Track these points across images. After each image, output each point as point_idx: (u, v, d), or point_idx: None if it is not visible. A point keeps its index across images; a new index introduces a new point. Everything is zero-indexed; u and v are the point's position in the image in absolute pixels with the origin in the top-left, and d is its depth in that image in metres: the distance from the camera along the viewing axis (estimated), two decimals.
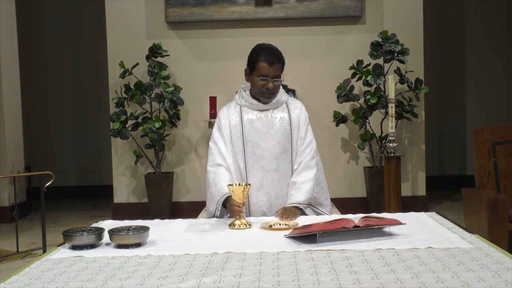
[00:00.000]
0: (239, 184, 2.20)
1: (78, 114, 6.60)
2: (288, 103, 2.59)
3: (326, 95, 4.95)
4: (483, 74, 6.32)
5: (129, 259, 1.59)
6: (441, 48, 6.30)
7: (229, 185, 2.20)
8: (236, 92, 2.64)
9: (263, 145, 2.48)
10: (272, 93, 2.50)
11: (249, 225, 2.09)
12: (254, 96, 2.54)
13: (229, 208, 2.27)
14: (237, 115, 2.54)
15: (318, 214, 2.51)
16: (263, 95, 2.49)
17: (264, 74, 2.43)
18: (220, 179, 2.41)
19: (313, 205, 2.50)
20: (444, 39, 6.31)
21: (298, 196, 2.43)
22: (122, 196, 5.14)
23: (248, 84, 2.58)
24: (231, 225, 2.10)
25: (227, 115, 2.55)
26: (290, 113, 2.55)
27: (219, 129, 2.54)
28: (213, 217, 2.38)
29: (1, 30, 5.26)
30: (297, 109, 2.59)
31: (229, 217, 2.32)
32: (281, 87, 2.60)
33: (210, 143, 2.56)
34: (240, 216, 2.12)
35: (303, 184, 2.47)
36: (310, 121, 2.67)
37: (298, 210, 2.39)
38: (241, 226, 2.07)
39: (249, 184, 2.19)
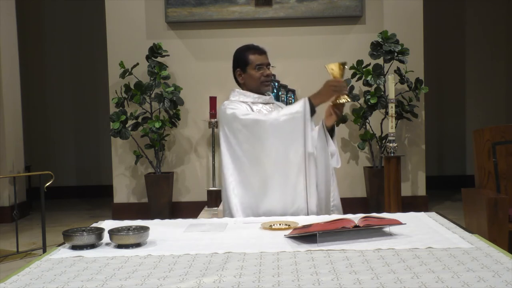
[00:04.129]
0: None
1: (78, 114, 6.60)
2: (276, 102, 2.71)
3: None
4: (483, 74, 6.32)
5: (129, 259, 1.59)
6: (441, 48, 6.30)
7: (327, 65, 2.41)
8: (228, 100, 2.55)
9: None
10: (271, 80, 2.62)
11: (351, 99, 2.42)
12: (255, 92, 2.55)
13: (331, 86, 2.37)
14: (247, 107, 2.50)
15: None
16: (264, 83, 2.55)
17: (260, 63, 2.53)
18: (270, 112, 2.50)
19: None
20: (444, 39, 6.31)
21: None
22: (122, 196, 5.14)
23: (235, 89, 2.58)
24: (335, 100, 2.39)
25: (237, 103, 2.49)
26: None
27: (236, 107, 2.45)
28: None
29: (1, 30, 5.26)
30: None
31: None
32: None
33: (229, 110, 2.44)
34: (343, 92, 2.36)
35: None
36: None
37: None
38: (342, 99, 2.38)
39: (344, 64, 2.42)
